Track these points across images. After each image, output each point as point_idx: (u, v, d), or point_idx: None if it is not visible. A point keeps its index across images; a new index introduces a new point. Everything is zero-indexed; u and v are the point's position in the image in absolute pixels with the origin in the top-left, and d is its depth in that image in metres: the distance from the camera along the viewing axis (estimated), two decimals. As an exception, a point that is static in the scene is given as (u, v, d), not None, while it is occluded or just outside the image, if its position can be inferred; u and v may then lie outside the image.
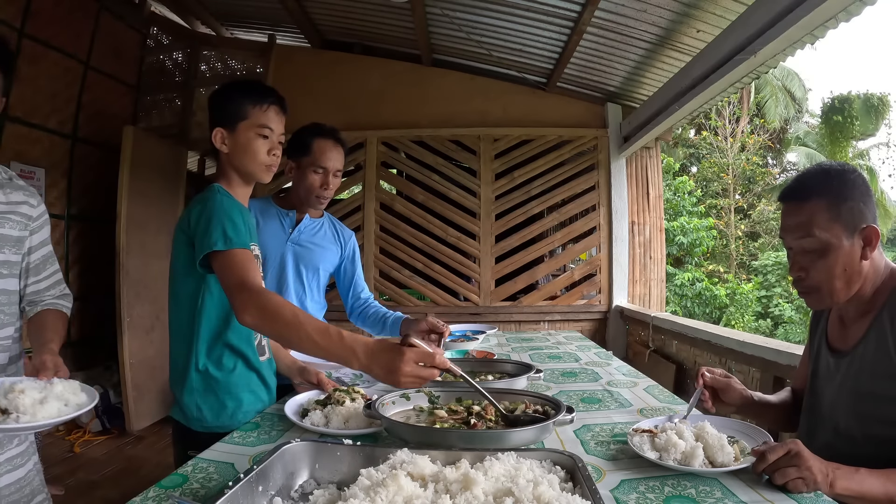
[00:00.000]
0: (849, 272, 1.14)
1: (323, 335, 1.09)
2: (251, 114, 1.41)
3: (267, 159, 1.43)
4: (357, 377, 1.67)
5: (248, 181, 1.49)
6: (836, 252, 1.13)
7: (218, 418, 1.38)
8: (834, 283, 1.15)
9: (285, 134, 1.51)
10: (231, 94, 1.43)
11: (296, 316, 1.12)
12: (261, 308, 1.13)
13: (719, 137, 14.82)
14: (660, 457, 1.00)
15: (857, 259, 1.14)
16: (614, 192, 4.55)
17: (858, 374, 1.15)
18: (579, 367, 1.91)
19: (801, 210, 1.16)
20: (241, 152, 1.42)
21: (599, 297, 4.60)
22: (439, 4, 3.80)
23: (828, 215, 1.13)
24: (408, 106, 4.69)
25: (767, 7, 2.39)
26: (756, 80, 4.97)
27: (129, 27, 4.68)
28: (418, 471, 0.83)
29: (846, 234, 1.13)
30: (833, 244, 1.13)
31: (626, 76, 4.18)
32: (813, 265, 1.16)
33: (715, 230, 13.04)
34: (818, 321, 1.35)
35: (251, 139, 1.41)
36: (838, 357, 1.22)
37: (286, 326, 1.11)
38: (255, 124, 1.41)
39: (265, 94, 1.44)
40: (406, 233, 4.64)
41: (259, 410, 1.44)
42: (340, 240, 2.15)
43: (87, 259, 4.40)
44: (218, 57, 4.81)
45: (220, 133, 1.42)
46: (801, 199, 1.17)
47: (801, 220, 1.15)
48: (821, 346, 1.30)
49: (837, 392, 1.20)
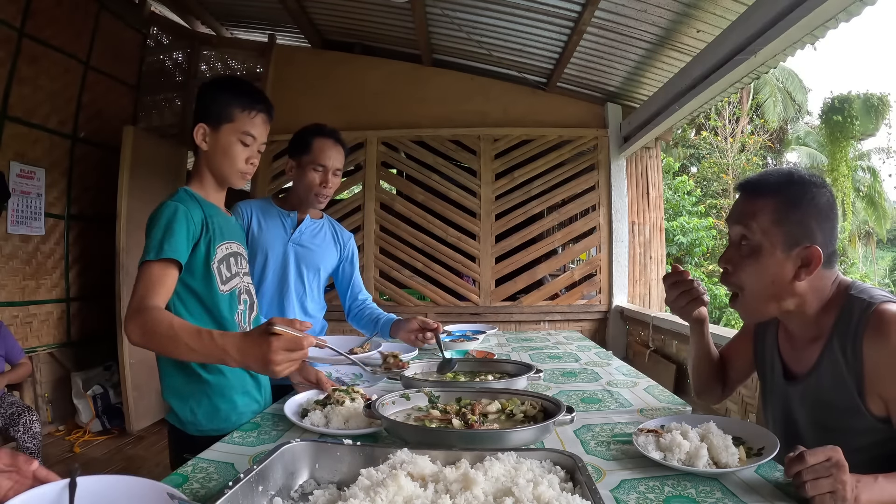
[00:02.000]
0: (777, 287, 1.08)
1: (197, 340, 1.10)
2: (238, 118, 1.39)
3: (244, 167, 1.41)
4: (357, 377, 1.67)
5: (222, 184, 1.47)
6: (765, 259, 1.08)
7: (212, 421, 1.38)
8: (759, 293, 1.10)
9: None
10: (221, 94, 1.40)
11: (171, 328, 1.14)
12: (141, 326, 1.16)
13: (719, 137, 14.82)
14: (664, 457, 1.00)
15: (789, 278, 1.08)
16: (614, 192, 4.55)
17: (815, 403, 1.11)
18: (579, 367, 1.91)
19: (750, 204, 1.11)
20: (220, 154, 1.40)
21: (599, 297, 4.60)
22: (439, 4, 3.80)
23: (772, 218, 1.07)
24: (408, 106, 4.69)
25: (767, 7, 2.39)
26: (756, 81, 4.96)
27: (129, 27, 4.68)
28: (418, 471, 0.83)
29: (784, 245, 1.07)
30: (765, 249, 1.08)
31: (626, 76, 4.18)
32: (740, 263, 1.12)
33: (715, 230, 13.03)
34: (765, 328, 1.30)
35: (232, 143, 1.39)
36: (792, 383, 1.18)
37: (165, 339, 1.13)
38: (240, 130, 1.39)
39: (255, 100, 1.41)
40: (406, 233, 4.64)
41: (255, 411, 1.44)
42: (340, 241, 2.16)
43: (87, 259, 4.40)
44: (218, 57, 4.82)
45: (203, 129, 1.40)
46: (754, 192, 1.12)
47: (746, 212, 1.11)
48: (773, 363, 1.25)
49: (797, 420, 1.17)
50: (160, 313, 1.17)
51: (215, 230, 1.41)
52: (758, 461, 0.98)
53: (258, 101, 1.42)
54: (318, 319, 2.14)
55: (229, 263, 1.45)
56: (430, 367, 1.66)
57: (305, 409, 1.33)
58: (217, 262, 1.40)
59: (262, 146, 1.45)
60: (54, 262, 4.12)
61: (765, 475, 0.96)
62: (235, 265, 1.47)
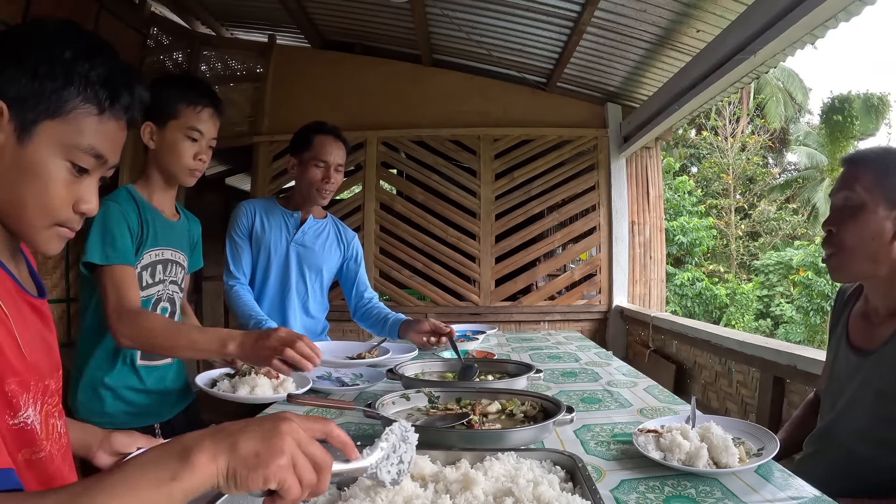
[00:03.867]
0: (876, 245, 1.15)
1: (199, 332, 1.17)
2: (183, 113, 1.37)
3: (192, 163, 1.40)
4: (356, 377, 1.67)
5: (171, 183, 1.45)
6: (868, 216, 1.15)
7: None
8: (857, 250, 1.16)
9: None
10: (165, 90, 1.38)
11: (172, 324, 1.19)
12: (134, 328, 1.18)
13: (719, 137, 14.82)
14: (664, 457, 1.00)
15: (889, 236, 1.15)
16: (614, 192, 4.55)
17: (884, 372, 1.14)
18: (579, 367, 1.91)
19: (853, 170, 1.20)
20: (167, 151, 1.39)
21: (599, 297, 4.60)
22: (439, 4, 3.80)
23: (873, 178, 1.16)
24: (408, 106, 4.69)
25: (767, 7, 2.39)
26: (756, 81, 4.97)
27: (129, 27, 4.67)
28: (418, 471, 0.83)
29: (885, 203, 1.15)
30: (868, 206, 1.15)
31: (626, 76, 4.18)
32: (844, 223, 1.18)
33: (715, 230, 13.04)
34: (837, 320, 1.34)
35: (179, 140, 1.37)
36: (861, 356, 1.21)
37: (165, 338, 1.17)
38: (186, 125, 1.37)
39: (201, 94, 1.40)
40: (406, 233, 4.64)
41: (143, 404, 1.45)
42: (343, 241, 2.16)
43: (88, 259, 4.40)
44: (218, 57, 4.82)
45: (150, 128, 1.38)
46: (856, 162, 1.22)
47: (849, 176, 1.20)
48: (840, 345, 1.29)
49: (858, 391, 1.18)
50: (148, 314, 1.23)
51: (147, 235, 1.39)
52: (758, 461, 0.98)
53: (203, 96, 1.40)
54: (320, 320, 2.14)
55: (154, 270, 1.42)
56: (430, 367, 1.66)
57: (214, 380, 1.43)
58: (140, 268, 1.38)
59: (211, 142, 1.43)
60: (54, 262, 4.12)
61: (765, 475, 0.96)
62: (162, 272, 1.45)
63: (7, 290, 0.70)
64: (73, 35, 0.70)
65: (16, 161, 0.67)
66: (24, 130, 0.67)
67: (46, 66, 0.67)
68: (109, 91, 0.70)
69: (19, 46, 0.68)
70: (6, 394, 0.67)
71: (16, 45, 0.68)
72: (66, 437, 0.85)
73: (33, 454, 0.73)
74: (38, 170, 0.68)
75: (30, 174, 0.67)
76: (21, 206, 0.68)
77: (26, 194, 0.68)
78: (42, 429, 0.75)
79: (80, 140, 0.69)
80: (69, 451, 0.86)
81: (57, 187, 0.69)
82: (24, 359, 0.70)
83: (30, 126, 0.67)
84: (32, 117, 0.67)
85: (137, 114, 0.76)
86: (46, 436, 0.76)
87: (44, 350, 0.78)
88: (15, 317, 0.69)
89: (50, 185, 0.69)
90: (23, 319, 0.72)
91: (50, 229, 0.71)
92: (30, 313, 0.75)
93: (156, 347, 1.22)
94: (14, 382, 0.68)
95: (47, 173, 0.68)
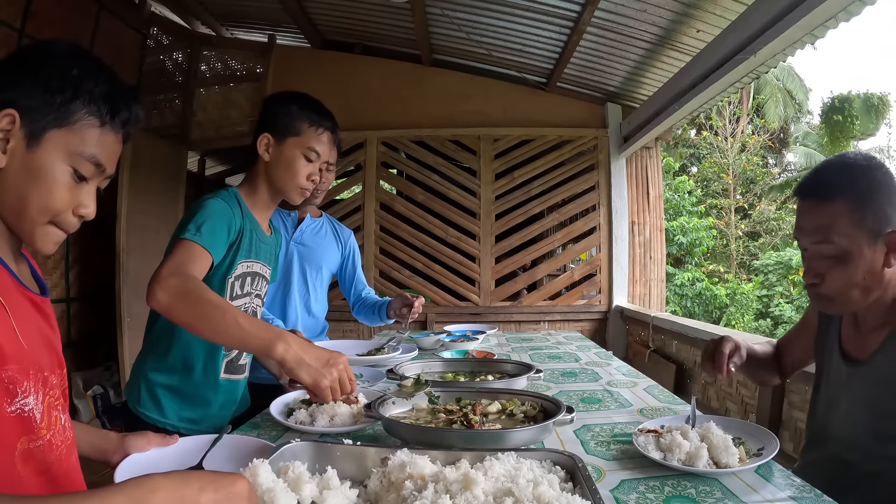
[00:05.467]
0: (868, 280, 1.06)
1: (249, 319, 1.06)
2: (305, 132, 1.38)
3: (304, 182, 1.40)
4: (357, 377, 1.67)
5: (276, 198, 1.45)
6: (855, 261, 1.05)
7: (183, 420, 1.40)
8: (851, 293, 1.07)
9: None
10: (290, 107, 1.40)
11: (219, 298, 1.09)
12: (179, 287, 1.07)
13: (719, 137, 14.81)
14: (664, 457, 1.00)
15: (879, 267, 1.05)
16: (614, 192, 4.55)
17: (876, 386, 1.09)
18: (579, 367, 1.91)
19: (822, 212, 1.06)
20: (282, 166, 1.39)
21: (599, 297, 4.60)
22: (439, 4, 3.80)
23: (850, 220, 1.04)
24: (408, 106, 4.69)
25: (767, 7, 2.39)
26: (756, 81, 4.97)
27: (129, 27, 4.67)
28: (418, 471, 0.83)
29: (868, 240, 1.04)
30: (853, 253, 1.04)
31: (626, 76, 4.18)
32: (829, 272, 1.07)
33: (715, 230, 13.03)
34: (830, 318, 1.29)
35: (296, 157, 1.38)
36: (852, 366, 1.16)
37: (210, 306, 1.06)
38: (305, 144, 1.38)
39: (324, 117, 1.42)
40: (406, 233, 4.64)
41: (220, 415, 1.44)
42: (340, 239, 2.16)
43: (87, 259, 4.40)
44: (218, 57, 4.81)
45: (267, 139, 1.39)
46: (821, 199, 1.07)
47: (821, 223, 1.06)
48: (832, 350, 1.24)
49: (852, 404, 1.14)
50: (202, 283, 1.12)
51: (244, 244, 1.38)
52: (758, 461, 0.98)
53: (327, 119, 1.42)
54: (321, 320, 2.14)
55: (244, 282, 1.43)
56: (429, 367, 1.66)
57: (291, 408, 1.32)
58: (233, 277, 1.38)
59: (324, 165, 1.45)
60: (54, 262, 4.11)
61: (765, 475, 0.96)
62: (250, 285, 1.45)
63: (5, 284, 0.75)
64: (81, 56, 0.80)
65: (24, 164, 0.74)
66: (34, 137, 0.74)
67: (57, 81, 0.75)
68: (110, 106, 0.79)
69: (35, 63, 0.76)
70: (3, 380, 0.71)
71: (32, 62, 0.76)
72: (72, 432, 0.88)
73: (31, 442, 0.76)
74: (44, 173, 0.75)
75: (36, 177, 0.75)
76: (26, 205, 0.75)
77: (31, 194, 0.75)
78: (43, 418, 0.77)
79: (83, 148, 0.77)
80: (74, 445, 0.88)
81: (60, 189, 0.77)
82: (22, 347, 0.74)
83: (39, 133, 0.74)
84: (42, 126, 0.75)
85: (133, 129, 0.84)
86: (48, 426, 0.79)
87: (44, 345, 0.81)
88: (12, 308, 0.74)
89: (54, 187, 0.76)
90: (21, 312, 0.76)
91: (47, 226, 0.78)
92: (30, 308, 0.80)
93: (195, 317, 1.07)
94: (12, 369, 0.72)
95: (52, 176, 0.76)
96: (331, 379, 1.01)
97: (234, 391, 1.50)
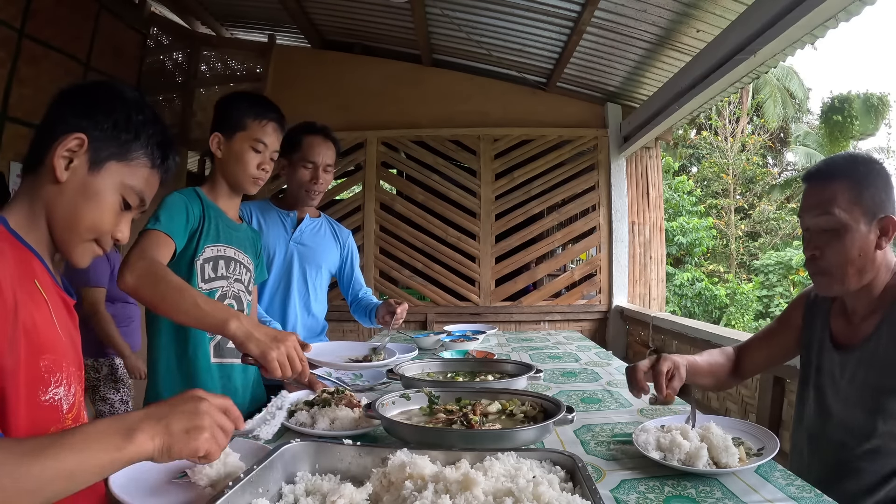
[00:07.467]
0: (863, 258, 1.14)
1: (207, 301, 1.14)
2: (250, 126, 1.48)
3: (255, 172, 1.50)
4: (357, 377, 1.67)
5: (235, 191, 1.55)
6: (852, 234, 1.14)
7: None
8: (847, 268, 1.15)
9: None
10: (235, 105, 1.50)
11: (180, 281, 1.16)
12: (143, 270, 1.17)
13: (719, 137, 14.81)
14: (664, 457, 1.00)
15: (872, 247, 1.15)
16: (614, 192, 4.56)
17: (870, 369, 1.14)
18: (579, 367, 1.91)
19: (824, 189, 1.17)
20: (232, 161, 1.49)
21: (599, 297, 4.60)
22: (439, 4, 3.80)
23: (849, 196, 1.14)
24: (408, 106, 4.69)
25: (767, 7, 2.39)
26: (756, 80, 4.97)
27: (129, 27, 4.67)
28: (418, 471, 0.83)
29: (865, 219, 1.14)
30: (850, 226, 1.14)
31: (626, 76, 4.18)
32: (828, 245, 1.16)
33: (715, 230, 13.03)
34: (814, 314, 1.34)
35: (244, 150, 1.48)
36: (845, 353, 1.21)
37: (171, 289, 1.14)
38: (251, 137, 1.48)
39: (267, 109, 1.51)
40: (406, 233, 4.64)
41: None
42: (339, 239, 2.17)
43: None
44: (218, 57, 4.81)
45: (218, 138, 1.49)
46: (824, 179, 1.18)
47: (823, 198, 1.17)
48: (823, 341, 1.29)
49: (847, 389, 1.19)
50: (165, 267, 1.21)
51: (209, 230, 1.45)
52: (758, 461, 0.98)
53: (269, 111, 1.51)
54: (320, 320, 2.14)
55: (217, 265, 1.48)
56: (430, 367, 1.66)
57: (292, 409, 1.33)
58: (202, 260, 1.44)
59: (273, 153, 1.54)
60: (54, 265, 4.11)
61: (765, 475, 0.96)
62: (225, 269, 1.50)
63: (47, 283, 0.85)
64: (145, 105, 0.92)
65: (83, 185, 0.85)
66: (96, 164, 0.86)
67: (125, 122, 0.87)
68: (162, 152, 0.92)
69: (108, 101, 0.88)
70: (40, 369, 0.78)
71: (104, 100, 0.88)
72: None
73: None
74: (100, 197, 0.86)
75: (92, 198, 0.86)
76: (77, 220, 0.86)
77: (84, 212, 0.86)
78: (70, 409, 0.85)
79: (134, 183, 0.89)
80: None
81: (109, 213, 0.88)
82: (60, 339, 0.83)
83: (101, 161, 0.86)
84: (105, 156, 0.86)
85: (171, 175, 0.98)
86: (74, 419, 0.86)
87: (70, 343, 0.89)
88: (52, 304, 0.84)
89: (105, 210, 0.87)
90: (58, 310, 0.86)
91: (89, 243, 0.89)
92: (63, 308, 0.89)
93: (157, 298, 1.15)
94: (49, 359, 0.80)
95: (105, 201, 0.87)
96: (278, 352, 1.05)
97: (231, 377, 1.50)
